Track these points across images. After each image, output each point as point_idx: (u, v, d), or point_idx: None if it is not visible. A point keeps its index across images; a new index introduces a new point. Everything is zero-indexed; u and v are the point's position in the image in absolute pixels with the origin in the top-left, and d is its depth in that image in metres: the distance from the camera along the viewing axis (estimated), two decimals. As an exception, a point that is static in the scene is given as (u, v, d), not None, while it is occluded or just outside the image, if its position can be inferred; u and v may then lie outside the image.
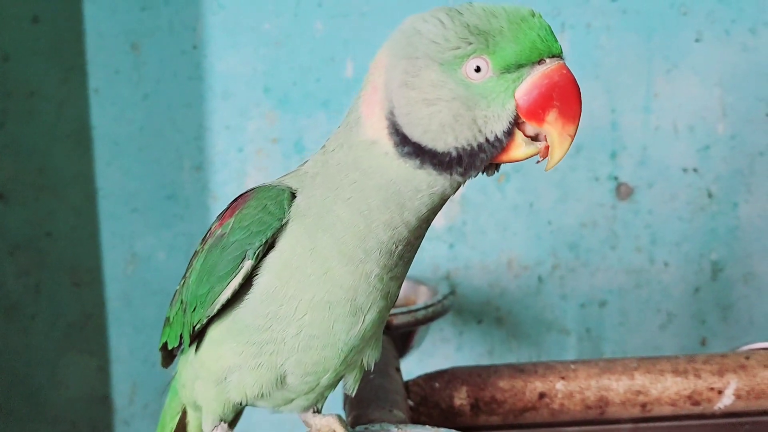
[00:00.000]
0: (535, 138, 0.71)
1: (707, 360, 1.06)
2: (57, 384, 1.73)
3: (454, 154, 0.70)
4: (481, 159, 0.71)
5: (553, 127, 0.69)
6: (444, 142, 0.70)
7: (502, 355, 1.74)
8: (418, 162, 0.71)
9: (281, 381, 0.83)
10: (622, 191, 1.68)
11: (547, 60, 0.69)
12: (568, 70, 0.69)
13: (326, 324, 0.78)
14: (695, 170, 1.67)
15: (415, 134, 0.71)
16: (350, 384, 0.89)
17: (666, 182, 1.68)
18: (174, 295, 0.92)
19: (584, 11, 1.61)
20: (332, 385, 0.87)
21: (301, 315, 0.78)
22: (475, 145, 0.70)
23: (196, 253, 0.87)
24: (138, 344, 1.73)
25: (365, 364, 0.88)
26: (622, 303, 1.72)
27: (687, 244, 1.70)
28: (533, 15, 0.69)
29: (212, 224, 0.87)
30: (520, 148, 0.71)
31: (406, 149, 0.71)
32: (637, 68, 1.64)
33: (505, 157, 0.72)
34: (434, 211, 0.75)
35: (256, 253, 0.77)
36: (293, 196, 0.78)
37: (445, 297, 1.36)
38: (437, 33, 0.69)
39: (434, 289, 1.43)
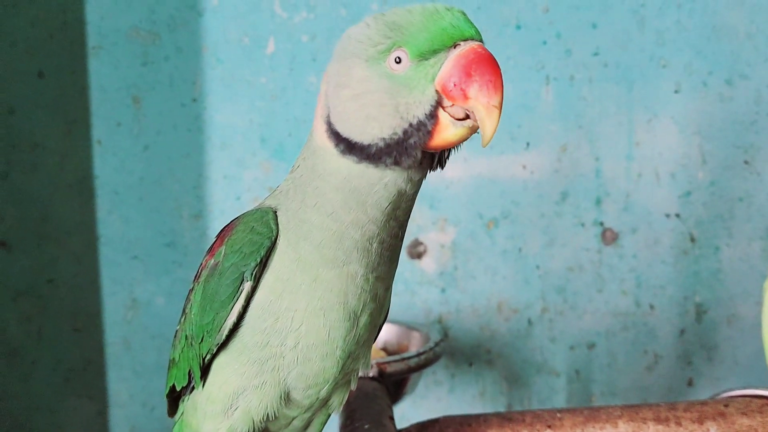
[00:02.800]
0: (466, 120, 0.73)
1: (688, 407, 1.10)
2: (57, 429, 1.76)
3: (381, 144, 0.74)
4: (410, 145, 0.73)
5: (477, 101, 0.71)
6: (370, 134, 0.74)
7: (493, 397, 1.78)
8: (354, 157, 0.75)
9: (285, 398, 0.85)
10: (607, 236, 1.74)
11: (462, 43, 0.72)
12: (484, 48, 0.72)
13: (323, 332, 0.81)
14: (677, 215, 1.73)
15: (345, 130, 0.75)
16: (336, 404, 0.92)
17: (649, 227, 1.73)
18: (175, 336, 0.94)
19: (567, 64, 1.68)
20: (326, 400, 0.90)
21: (297, 325, 0.81)
22: (400, 131, 0.73)
23: (191, 290, 0.90)
24: (137, 389, 1.76)
25: (354, 379, 0.91)
26: (609, 345, 1.77)
27: (671, 287, 1.75)
28: (449, 9, 0.73)
29: (203, 259, 0.89)
30: (448, 129, 0.73)
31: (341, 147, 0.76)
32: (619, 118, 1.70)
33: (437, 141, 0.74)
34: (396, 205, 0.77)
35: (253, 273, 0.80)
36: (274, 213, 0.82)
37: (436, 344, 1.40)
38: (362, 33, 0.75)
39: (426, 335, 1.47)
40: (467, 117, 0.73)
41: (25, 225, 1.71)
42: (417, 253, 1.74)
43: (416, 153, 0.74)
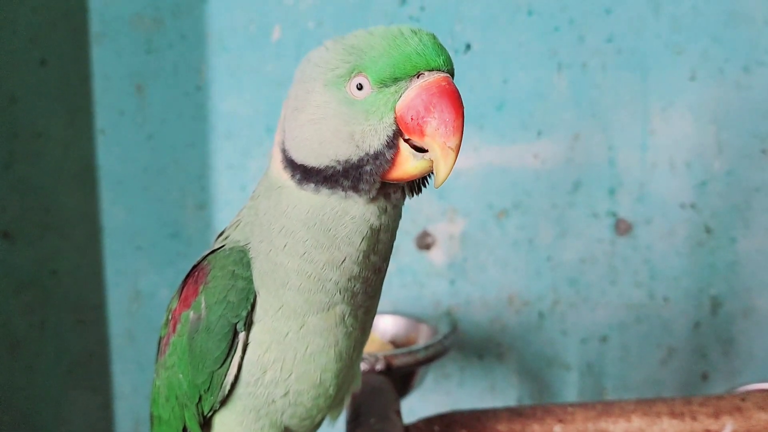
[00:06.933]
0: (426, 152, 0.69)
1: (703, 402, 1.07)
2: (61, 421, 1.74)
3: (338, 168, 0.70)
4: (366, 172, 0.69)
5: (433, 140, 0.67)
6: (326, 157, 0.70)
7: (503, 391, 1.75)
8: (312, 186, 0.71)
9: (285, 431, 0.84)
10: (621, 227, 1.70)
11: (426, 73, 0.68)
12: (449, 82, 0.68)
13: (313, 377, 0.78)
14: (693, 206, 1.69)
15: (300, 156, 0.71)
16: (334, 416, 0.91)
17: (664, 218, 1.69)
18: (154, 392, 0.89)
19: (580, 51, 1.64)
20: (322, 420, 0.88)
21: (286, 375, 0.78)
22: (355, 159, 0.69)
23: (164, 342, 0.84)
24: (141, 381, 1.74)
25: (347, 397, 0.90)
26: (622, 338, 1.73)
27: (686, 279, 1.71)
28: (415, 32, 0.69)
29: (170, 306, 0.84)
30: (408, 161, 0.69)
31: (297, 176, 0.72)
32: (633, 106, 1.66)
33: (398, 173, 0.70)
34: (371, 241, 0.73)
35: (246, 323, 0.76)
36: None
37: (445, 336, 1.37)
38: (321, 57, 0.72)
39: (435, 327, 1.44)
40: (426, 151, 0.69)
41: (28, 215, 1.68)
42: (425, 245, 1.70)
43: (373, 180, 0.70)
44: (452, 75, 0.70)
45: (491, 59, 1.65)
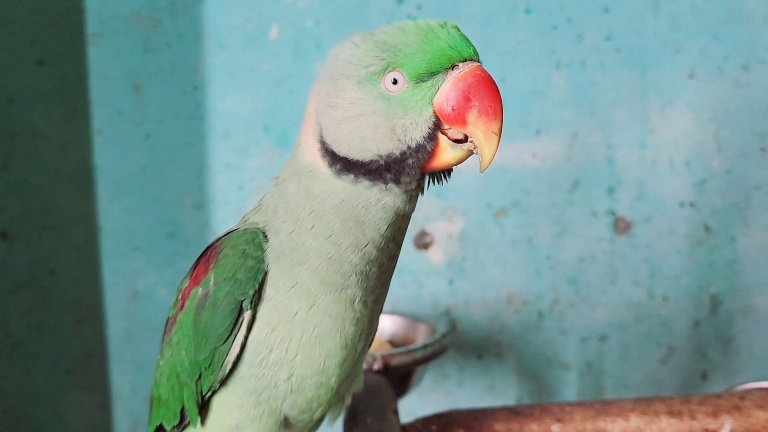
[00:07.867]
0: (464, 142, 0.72)
1: (702, 401, 1.06)
2: (59, 422, 1.74)
3: (381, 162, 0.72)
4: (409, 165, 0.72)
5: (476, 127, 0.70)
6: (368, 152, 0.72)
7: (503, 391, 1.74)
8: (352, 177, 0.73)
9: (284, 423, 0.83)
10: (620, 226, 1.69)
11: (460, 64, 0.70)
12: (483, 71, 0.71)
13: (318, 361, 0.79)
14: (692, 204, 1.69)
15: (342, 150, 0.73)
16: (333, 416, 0.90)
17: (663, 217, 1.69)
18: (158, 371, 0.89)
19: (579, 49, 1.64)
20: (321, 419, 0.88)
21: (292, 356, 0.78)
22: (397, 153, 0.71)
23: (171, 320, 0.85)
24: (139, 382, 1.73)
25: (348, 396, 0.89)
26: (622, 337, 1.73)
27: (686, 277, 1.71)
28: (443, 25, 0.71)
29: (181, 286, 0.85)
30: (446, 152, 0.72)
31: (337, 167, 0.73)
32: (632, 104, 1.65)
33: (436, 163, 0.73)
34: (395, 227, 0.76)
35: (252, 301, 0.77)
36: (264, 234, 0.78)
37: (443, 336, 1.37)
38: (352, 54, 0.73)
39: (433, 327, 1.43)
40: (465, 138, 0.71)
41: (26, 216, 1.68)
42: (423, 244, 1.70)
43: (414, 172, 0.72)
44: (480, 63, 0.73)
45: (489, 57, 1.64)
